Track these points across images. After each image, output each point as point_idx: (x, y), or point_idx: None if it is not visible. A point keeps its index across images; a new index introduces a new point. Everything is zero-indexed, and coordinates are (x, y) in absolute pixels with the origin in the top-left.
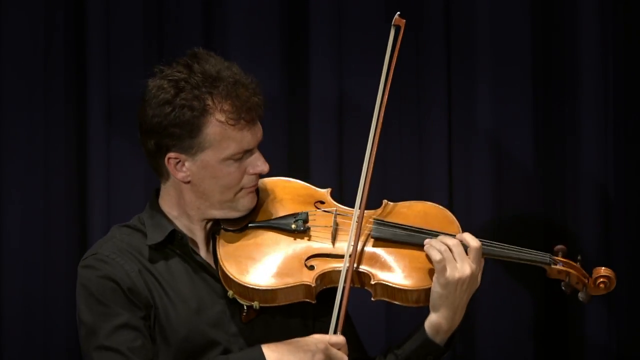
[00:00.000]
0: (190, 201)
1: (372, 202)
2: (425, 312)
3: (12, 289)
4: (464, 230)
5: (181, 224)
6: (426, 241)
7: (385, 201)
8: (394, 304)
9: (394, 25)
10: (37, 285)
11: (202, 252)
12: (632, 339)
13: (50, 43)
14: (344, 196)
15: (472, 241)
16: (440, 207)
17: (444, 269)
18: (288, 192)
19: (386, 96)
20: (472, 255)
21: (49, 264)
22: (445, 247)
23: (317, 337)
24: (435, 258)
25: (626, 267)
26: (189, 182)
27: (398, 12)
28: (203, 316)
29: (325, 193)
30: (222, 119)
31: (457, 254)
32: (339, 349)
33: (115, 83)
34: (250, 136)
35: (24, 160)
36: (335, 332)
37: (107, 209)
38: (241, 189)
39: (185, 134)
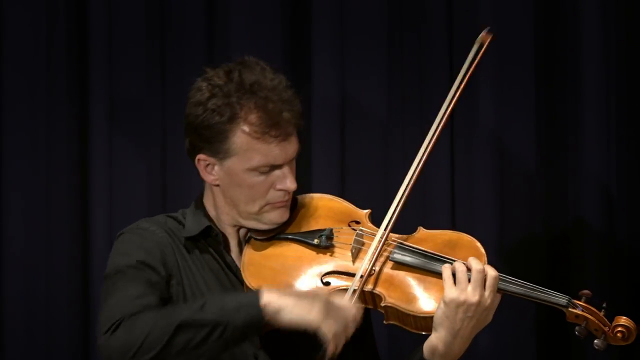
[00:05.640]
0: (221, 205)
1: (372, 206)
2: None
3: (14, 289)
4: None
5: (218, 223)
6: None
7: (420, 228)
8: (406, 329)
9: (478, 41)
10: (39, 285)
11: (234, 254)
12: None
13: (52, 42)
14: (345, 198)
15: (491, 270)
16: (473, 238)
17: (452, 287)
18: (325, 208)
19: (447, 116)
20: (488, 284)
21: (51, 263)
22: (465, 268)
23: (320, 287)
24: (446, 273)
25: (628, 266)
26: (217, 185)
27: (488, 27)
28: None
29: (364, 214)
30: (247, 130)
31: (474, 279)
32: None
33: (118, 83)
34: (278, 151)
35: (26, 160)
36: None
37: (109, 208)
38: (267, 203)
39: (213, 138)
